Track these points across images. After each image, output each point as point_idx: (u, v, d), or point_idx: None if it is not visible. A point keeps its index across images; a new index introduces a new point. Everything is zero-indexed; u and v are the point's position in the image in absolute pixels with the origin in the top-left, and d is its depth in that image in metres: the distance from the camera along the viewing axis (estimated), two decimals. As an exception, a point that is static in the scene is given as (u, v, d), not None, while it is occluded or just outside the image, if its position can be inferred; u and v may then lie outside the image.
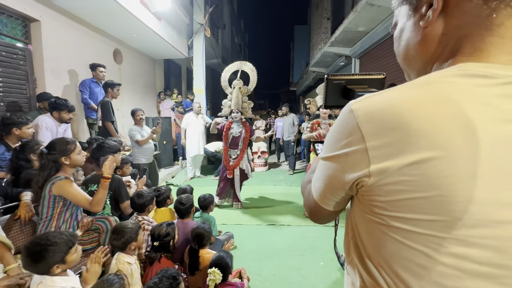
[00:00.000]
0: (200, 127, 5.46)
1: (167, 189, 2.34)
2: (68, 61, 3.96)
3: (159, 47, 5.82)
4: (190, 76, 7.02)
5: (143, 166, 2.58)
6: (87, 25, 4.29)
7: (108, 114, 3.56)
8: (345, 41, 7.62)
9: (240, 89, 3.73)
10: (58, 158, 1.72)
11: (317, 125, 3.59)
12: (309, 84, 14.49)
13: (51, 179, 1.70)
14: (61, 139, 1.79)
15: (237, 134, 3.76)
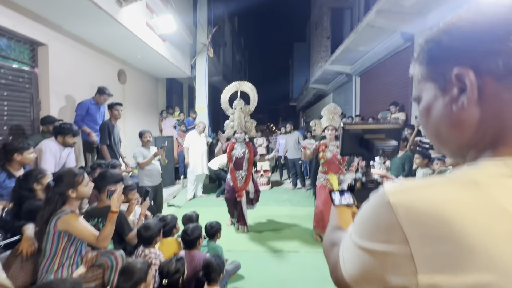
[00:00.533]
0: (202, 145, 5.45)
1: (173, 217, 2.28)
2: (73, 83, 4.01)
3: (162, 67, 5.92)
4: (191, 94, 7.12)
5: (146, 188, 2.52)
6: (93, 48, 4.38)
7: (103, 137, 3.54)
8: (346, 60, 7.78)
9: (241, 109, 3.73)
10: (65, 191, 1.69)
11: (324, 146, 3.55)
12: (309, 100, 14.66)
13: (57, 214, 1.65)
14: (69, 171, 1.76)
15: (240, 155, 3.72)
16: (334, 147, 3.45)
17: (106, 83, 4.80)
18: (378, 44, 6.28)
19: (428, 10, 4.64)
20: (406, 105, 5.62)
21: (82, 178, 1.76)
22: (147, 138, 3.67)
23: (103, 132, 3.54)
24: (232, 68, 13.85)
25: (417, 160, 3.29)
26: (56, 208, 1.68)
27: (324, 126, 3.51)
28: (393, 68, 6.26)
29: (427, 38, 0.47)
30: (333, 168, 3.44)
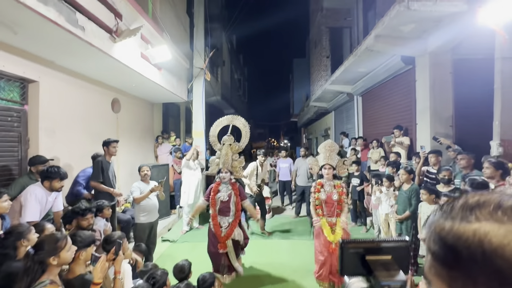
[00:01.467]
0: (197, 173, 5.36)
1: (163, 273, 2.17)
2: (65, 117, 4.01)
3: (158, 93, 5.97)
4: (189, 116, 7.14)
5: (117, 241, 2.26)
6: (86, 79, 4.42)
7: (95, 174, 3.48)
8: (346, 80, 7.85)
9: (230, 146, 3.54)
10: (45, 259, 1.60)
11: (320, 186, 3.37)
12: (310, 117, 14.70)
13: (35, 286, 1.55)
14: (50, 237, 1.68)
15: (225, 198, 3.44)
16: (330, 187, 3.30)
17: (99, 114, 4.83)
18: (378, 66, 6.35)
19: (428, 35, 4.71)
20: (410, 129, 5.58)
21: (65, 243, 1.68)
22: (145, 171, 3.62)
23: (96, 169, 3.49)
24: (231, 86, 14.03)
25: (424, 196, 3.20)
26: (35, 278, 1.58)
27: (320, 165, 3.39)
28: (394, 90, 6.29)
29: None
30: (328, 210, 3.27)
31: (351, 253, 0.72)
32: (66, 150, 3.98)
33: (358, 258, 0.72)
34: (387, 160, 5.01)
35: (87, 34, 3.05)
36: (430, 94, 4.90)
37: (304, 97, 18.26)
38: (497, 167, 2.98)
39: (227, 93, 12.54)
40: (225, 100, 11.22)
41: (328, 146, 3.43)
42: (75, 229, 2.52)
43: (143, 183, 3.65)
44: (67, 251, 1.68)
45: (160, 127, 7.60)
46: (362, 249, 0.72)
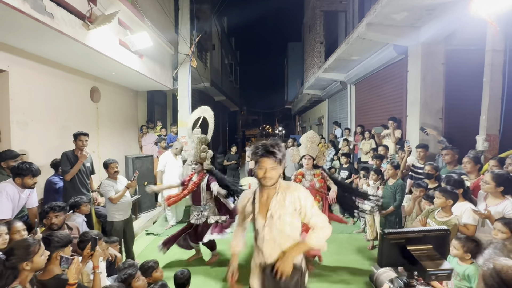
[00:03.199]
0: (179, 168, 5.32)
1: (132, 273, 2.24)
2: (38, 109, 3.95)
3: (140, 81, 5.88)
4: (176, 104, 7.07)
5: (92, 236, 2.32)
6: (60, 67, 4.32)
7: (65, 167, 3.49)
8: (339, 68, 7.84)
9: (198, 138, 3.73)
10: (17, 265, 1.63)
11: (301, 176, 3.58)
12: (304, 105, 14.71)
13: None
14: (23, 242, 1.71)
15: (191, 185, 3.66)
16: (311, 176, 3.52)
17: (76, 104, 4.76)
18: (371, 55, 6.35)
19: (421, 24, 4.71)
20: (401, 121, 5.66)
21: (38, 248, 1.72)
22: (114, 169, 3.54)
23: (63, 164, 3.48)
24: (221, 72, 13.82)
25: (418, 192, 3.28)
26: (6, 283, 1.62)
27: (301, 155, 3.55)
28: (387, 80, 6.32)
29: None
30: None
31: (392, 243, 0.75)
32: (41, 143, 3.95)
33: (399, 249, 0.75)
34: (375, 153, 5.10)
35: (56, 21, 2.96)
36: (421, 85, 4.95)
37: (299, 83, 18.17)
38: (476, 162, 3.09)
39: (217, 79, 12.37)
40: (214, 86, 11.09)
41: (309, 137, 3.62)
42: (47, 229, 2.55)
43: (111, 181, 3.55)
44: (40, 255, 1.72)
45: (144, 116, 7.53)
46: (404, 240, 0.75)
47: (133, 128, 6.92)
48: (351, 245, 4.48)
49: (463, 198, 2.68)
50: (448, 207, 2.53)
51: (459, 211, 2.60)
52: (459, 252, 2.20)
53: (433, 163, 3.46)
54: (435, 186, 3.25)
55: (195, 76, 7.91)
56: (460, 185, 2.66)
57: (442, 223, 2.53)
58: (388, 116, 5.71)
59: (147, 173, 5.95)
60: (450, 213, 2.55)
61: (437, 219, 2.60)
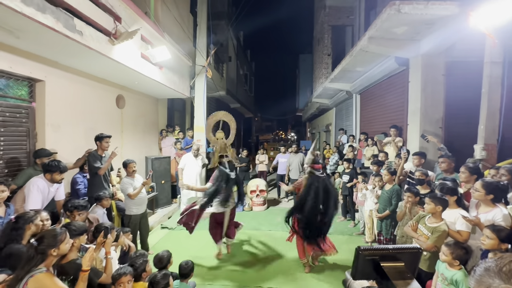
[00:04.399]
0: (197, 168, 5.47)
1: (143, 261, 2.32)
2: (70, 113, 4.18)
3: (160, 90, 6.07)
4: (194, 110, 7.23)
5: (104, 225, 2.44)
6: (90, 77, 4.56)
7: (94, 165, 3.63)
8: (345, 78, 7.74)
9: (222, 140, 3.92)
10: (46, 251, 1.73)
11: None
12: (313, 112, 14.58)
13: (31, 271, 1.68)
14: (52, 231, 1.81)
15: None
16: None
17: (103, 110, 4.99)
18: (374, 67, 6.23)
19: (421, 37, 4.59)
20: (402, 129, 5.50)
21: (65, 236, 1.82)
22: (132, 168, 3.72)
23: (92, 161, 3.63)
24: (237, 81, 13.99)
25: (410, 199, 3.19)
26: (36, 265, 1.70)
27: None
28: (389, 90, 6.18)
29: None
30: None
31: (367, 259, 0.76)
32: (71, 144, 4.17)
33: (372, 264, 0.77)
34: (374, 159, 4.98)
35: (85, 38, 3.15)
36: (421, 95, 4.80)
37: (309, 92, 18.02)
38: (472, 172, 2.96)
39: (233, 88, 12.54)
40: (230, 95, 11.24)
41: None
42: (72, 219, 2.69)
43: (130, 179, 3.73)
44: (66, 243, 1.83)
45: (165, 121, 7.75)
46: (378, 256, 0.77)
47: (154, 132, 7.14)
48: (350, 246, 4.38)
49: (456, 205, 2.58)
50: (438, 213, 2.44)
51: (453, 218, 2.50)
52: (448, 258, 2.11)
53: (422, 169, 3.35)
54: (427, 192, 3.14)
55: (211, 85, 8.07)
56: (453, 192, 2.56)
57: (432, 229, 2.44)
58: (390, 124, 5.57)
59: (165, 173, 6.12)
60: (440, 219, 2.45)
61: (427, 225, 2.51)
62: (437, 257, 2.34)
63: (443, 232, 2.36)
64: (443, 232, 2.36)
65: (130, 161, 3.78)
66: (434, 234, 2.39)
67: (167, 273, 2.20)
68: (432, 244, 2.37)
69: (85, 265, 1.88)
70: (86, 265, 1.88)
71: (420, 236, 2.53)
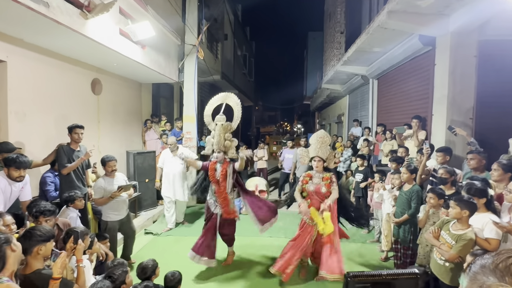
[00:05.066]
0: (175, 167, 5.33)
1: (123, 271, 2.33)
2: (37, 100, 4.15)
3: (144, 73, 6.03)
4: (183, 96, 7.18)
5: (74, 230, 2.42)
6: (60, 58, 4.51)
7: (61, 161, 3.63)
8: (360, 61, 7.67)
9: (222, 126, 3.79)
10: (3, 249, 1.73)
11: (309, 178, 3.60)
12: (323, 101, 14.53)
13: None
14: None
15: (219, 177, 3.82)
16: (319, 179, 3.54)
17: (77, 96, 4.96)
18: (394, 46, 6.16)
19: (450, 11, 4.51)
20: (426, 120, 5.46)
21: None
22: (112, 167, 3.65)
23: (59, 157, 3.63)
24: (234, 64, 13.88)
25: (432, 200, 3.17)
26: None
27: (311, 156, 3.54)
28: (411, 74, 6.11)
29: None
30: (315, 203, 3.53)
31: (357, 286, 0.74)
32: (39, 136, 4.15)
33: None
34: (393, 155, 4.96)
35: (52, 10, 3.10)
36: (449, 81, 4.75)
37: (319, 77, 17.92)
38: (506, 170, 2.93)
39: (229, 72, 12.44)
40: (225, 79, 11.15)
41: (320, 137, 3.61)
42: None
43: (107, 180, 3.65)
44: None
45: (149, 109, 7.72)
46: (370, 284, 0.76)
47: (136, 122, 7.12)
48: (362, 255, 4.40)
49: (485, 208, 2.56)
50: (464, 218, 2.42)
51: (480, 223, 2.49)
52: None
53: (446, 166, 3.33)
54: (452, 193, 3.12)
55: (204, 68, 8.00)
56: (482, 194, 2.54)
57: (457, 237, 2.43)
58: (411, 114, 5.51)
59: (149, 170, 6.11)
60: (466, 225, 2.44)
61: (451, 232, 2.50)
62: (461, 269, 2.34)
63: (469, 241, 2.35)
64: (469, 240, 2.35)
65: (110, 158, 3.69)
66: (458, 242, 2.38)
67: (149, 285, 2.21)
68: (456, 254, 2.37)
69: (56, 272, 1.88)
70: (57, 272, 1.88)
71: (442, 245, 2.53)
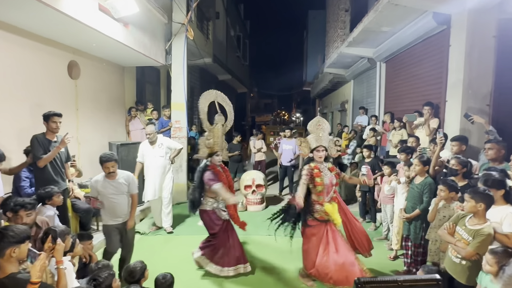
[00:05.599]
0: (158, 161, 5.07)
1: (109, 274, 2.31)
2: (7, 85, 4.05)
3: (127, 55, 5.93)
4: (170, 81, 7.08)
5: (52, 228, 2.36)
6: (32, 37, 4.40)
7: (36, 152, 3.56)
8: (367, 42, 7.65)
9: (223, 127, 3.89)
10: None
11: (318, 170, 3.58)
12: (325, 86, 14.51)
13: None
14: None
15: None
16: (326, 170, 3.59)
17: (52, 80, 4.87)
18: (405, 26, 6.14)
19: (468, -14, 4.48)
20: (439, 107, 5.48)
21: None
22: (109, 169, 3.35)
23: (34, 148, 3.56)
24: (227, 45, 13.73)
25: (442, 193, 3.20)
26: None
27: (313, 146, 3.54)
28: (423, 57, 6.11)
29: None
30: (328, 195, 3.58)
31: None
32: (11, 125, 4.07)
33: None
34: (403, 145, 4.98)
35: (22, -19, 2.99)
36: (465, 63, 4.75)
37: (320, 60, 17.86)
38: (526, 161, 2.96)
39: (221, 54, 12.32)
40: (217, 62, 11.05)
41: (319, 125, 3.62)
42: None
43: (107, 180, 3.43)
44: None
45: (133, 96, 7.63)
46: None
47: (120, 110, 7.04)
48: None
49: (504, 201, 2.59)
50: (480, 212, 2.45)
51: (499, 217, 2.52)
52: (493, 269, 2.13)
53: (460, 156, 3.36)
54: (463, 185, 3.17)
55: (193, 50, 7.89)
56: (500, 185, 2.56)
57: (474, 232, 2.46)
58: (423, 101, 5.53)
59: (134, 163, 6.01)
60: (483, 219, 2.47)
61: (467, 227, 2.53)
62: (479, 267, 2.38)
63: (487, 236, 2.38)
64: (488, 236, 2.38)
65: (107, 158, 3.35)
66: (476, 238, 2.41)
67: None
68: (474, 251, 2.40)
69: (35, 275, 1.85)
70: (36, 276, 1.85)
71: (458, 241, 2.56)
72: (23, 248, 2.04)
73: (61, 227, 2.59)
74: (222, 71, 12.59)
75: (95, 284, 2.21)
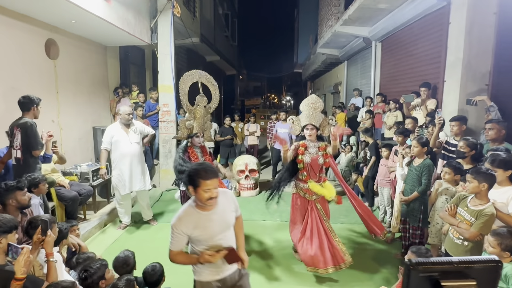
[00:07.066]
0: (135, 147, 4.61)
1: (102, 265, 2.25)
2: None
3: (109, 33, 5.71)
4: (157, 63, 6.89)
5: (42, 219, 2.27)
6: (4, 12, 4.17)
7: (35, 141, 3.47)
8: (363, 20, 7.56)
9: (205, 108, 3.87)
10: None
11: (304, 148, 3.59)
12: (317, 68, 14.42)
13: None
14: None
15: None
16: (315, 149, 3.57)
17: (28, 60, 4.66)
18: (404, 2, 6.06)
19: (469, -41, 4.40)
20: (437, 87, 5.49)
21: None
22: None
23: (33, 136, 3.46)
24: (215, 24, 13.38)
25: (447, 176, 3.21)
26: None
27: (303, 124, 3.56)
28: (421, 35, 6.07)
29: None
30: (313, 175, 3.60)
31: (421, 277, 0.69)
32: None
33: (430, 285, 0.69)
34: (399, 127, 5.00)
35: None
36: (465, 42, 4.73)
37: (312, 40, 17.65)
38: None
39: (209, 34, 12.01)
40: (205, 42, 10.79)
41: (311, 103, 3.61)
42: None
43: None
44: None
45: (117, 78, 7.40)
46: (438, 273, 0.69)
47: (103, 93, 6.83)
48: (365, 236, 4.52)
49: (510, 181, 2.62)
50: (483, 192, 2.47)
51: (505, 198, 2.55)
52: (496, 250, 2.17)
53: (469, 138, 3.35)
54: (471, 167, 3.18)
55: (180, 29, 7.65)
56: (507, 165, 2.58)
57: (477, 213, 2.48)
58: (421, 81, 5.53)
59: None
60: (486, 199, 2.49)
61: (470, 208, 2.56)
62: (481, 248, 2.42)
63: (490, 216, 2.41)
64: (491, 216, 2.41)
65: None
66: (479, 219, 2.44)
67: (131, 279, 2.16)
68: (477, 232, 2.43)
69: (19, 271, 1.82)
70: (20, 272, 1.83)
71: (460, 223, 2.59)
72: (10, 238, 1.99)
73: (47, 216, 2.50)
74: (210, 51, 12.32)
75: (86, 275, 2.14)
